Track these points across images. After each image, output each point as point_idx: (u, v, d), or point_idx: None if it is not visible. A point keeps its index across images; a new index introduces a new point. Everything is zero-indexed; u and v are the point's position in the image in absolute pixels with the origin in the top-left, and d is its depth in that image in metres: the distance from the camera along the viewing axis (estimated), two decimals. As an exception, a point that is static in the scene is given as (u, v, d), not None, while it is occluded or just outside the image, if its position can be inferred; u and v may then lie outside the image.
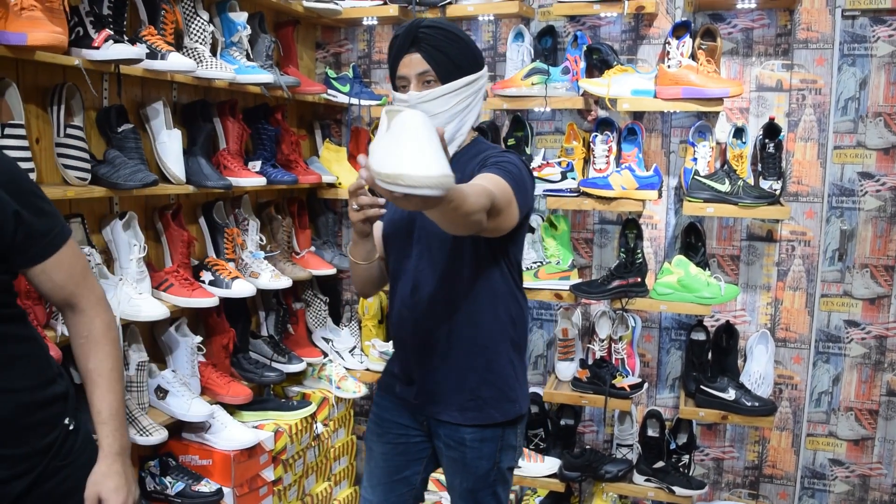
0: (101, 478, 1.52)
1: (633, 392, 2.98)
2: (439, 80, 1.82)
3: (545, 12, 3.23)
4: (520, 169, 1.80)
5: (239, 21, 2.81)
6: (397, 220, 1.96)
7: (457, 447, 1.97)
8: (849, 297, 3.01)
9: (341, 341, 3.42)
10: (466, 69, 1.84)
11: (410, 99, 1.83)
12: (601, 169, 3.00)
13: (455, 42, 1.84)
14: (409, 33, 1.83)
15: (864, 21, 2.86)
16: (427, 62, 1.81)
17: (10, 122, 2.09)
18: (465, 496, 2.00)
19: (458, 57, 1.83)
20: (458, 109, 1.85)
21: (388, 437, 2.09)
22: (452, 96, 1.83)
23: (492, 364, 1.94)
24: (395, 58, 1.87)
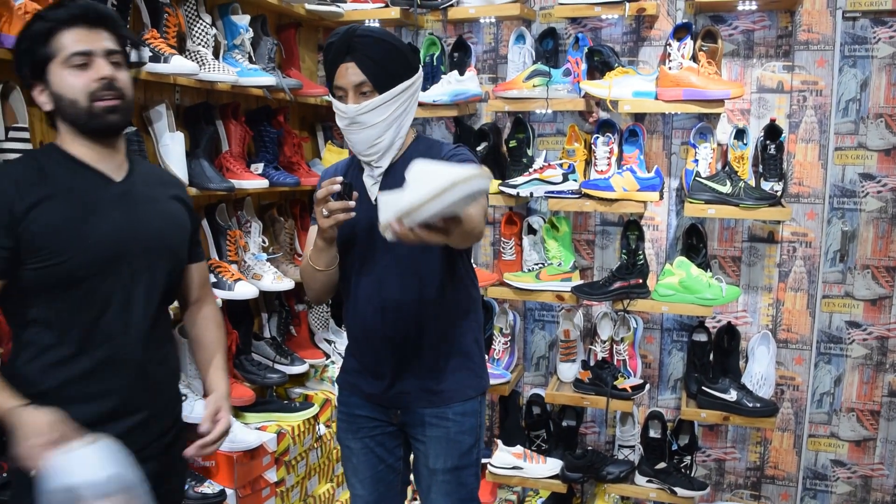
0: (221, 400, 1.88)
1: (634, 393, 2.98)
2: (375, 91, 1.85)
3: (546, 14, 3.24)
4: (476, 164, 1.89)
5: (241, 24, 2.82)
6: (358, 220, 1.91)
7: (439, 424, 2.03)
8: (850, 298, 3.01)
9: (343, 343, 3.43)
10: (401, 76, 1.88)
11: (348, 111, 1.86)
12: (603, 171, 3.00)
13: (389, 51, 1.86)
14: (343, 42, 1.85)
15: (865, 22, 2.86)
16: (363, 72, 1.84)
17: (15, 125, 2.09)
18: (448, 477, 2.04)
19: (393, 66, 1.87)
20: (395, 116, 1.89)
21: (362, 432, 2.12)
22: (389, 105, 1.87)
23: (461, 346, 2.04)
24: (330, 65, 1.89)
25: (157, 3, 2.50)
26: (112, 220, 1.64)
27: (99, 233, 1.62)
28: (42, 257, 1.56)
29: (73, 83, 1.58)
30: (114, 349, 1.66)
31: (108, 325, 1.64)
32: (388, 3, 3.27)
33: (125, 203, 1.68)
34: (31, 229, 1.55)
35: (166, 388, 1.85)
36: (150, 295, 1.72)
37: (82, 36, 1.58)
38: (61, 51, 1.57)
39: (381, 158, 1.93)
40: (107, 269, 1.63)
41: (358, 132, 1.89)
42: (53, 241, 1.57)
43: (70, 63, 1.58)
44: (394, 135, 1.91)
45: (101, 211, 1.63)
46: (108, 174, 1.68)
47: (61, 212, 1.58)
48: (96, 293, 1.62)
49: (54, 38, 1.58)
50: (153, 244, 1.73)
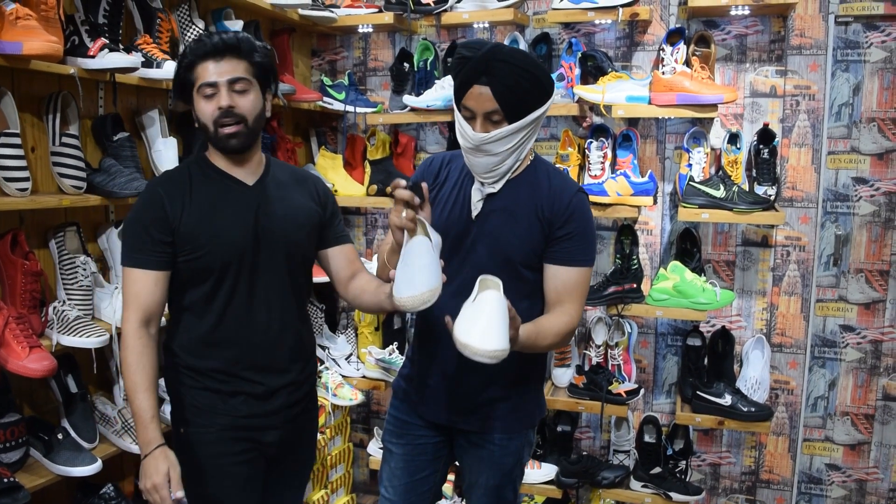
0: None
1: (629, 398, 2.98)
2: (505, 120, 1.77)
3: (540, 19, 3.24)
4: (590, 222, 1.92)
5: (234, 29, 2.81)
6: (450, 227, 1.91)
7: (484, 446, 2.01)
8: (844, 302, 3.01)
9: (337, 349, 3.42)
10: (534, 106, 1.79)
11: (475, 139, 1.78)
12: (596, 175, 3.00)
13: (528, 80, 1.76)
14: (482, 62, 1.75)
15: (858, 27, 2.87)
16: (497, 100, 1.75)
17: (6, 130, 2.09)
18: (489, 492, 2.04)
19: (528, 96, 1.77)
20: (520, 143, 1.82)
21: (406, 438, 2.10)
22: (515, 135, 1.80)
23: (524, 376, 1.99)
24: (463, 82, 1.79)
25: (149, 9, 2.50)
26: (240, 219, 1.91)
27: (228, 231, 1.89)
28: (186, 252, 1.87)
29: (204, 110, 1.85)
30: (239, 328, 1.93)
31: (236, 308, 1.91)
32: (382, 9, 3.27)
33: (254, 204, 1.93)
34: (179, 229, 1.85)
35: (289, 362, 2.02)
36: (271, 282, 1.95)
37: (212, 68, 1.83)
38: (196, 81, 1.84)
39: (496, 182, 1.88)
40: (235, 262, 1.89)
41: (479, 158, 1.82)
42: (193, 239, 1.86)
43: (202, 93, 1.84)
44: (514, 160, 1.86)
45: (231, 213, 1.91)
46: (242, 180, 1.95)
47: (199, 214, 1.87)
48: (225, 283, 1.89)
49: (194, 70, 1.84)
50: (275, 238, 1.94)
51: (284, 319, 1.98)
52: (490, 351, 1.54)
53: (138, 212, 1.88)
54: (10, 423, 2.13)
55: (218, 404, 1.94)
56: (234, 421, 1.94)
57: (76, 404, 2.32)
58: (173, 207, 1.86)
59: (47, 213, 2.33)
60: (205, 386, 1.94)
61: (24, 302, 2.15)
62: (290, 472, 2.13)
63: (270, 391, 1.97)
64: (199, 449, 1.94)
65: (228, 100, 1.83)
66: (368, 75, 3.56)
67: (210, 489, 1.95)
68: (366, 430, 3.74)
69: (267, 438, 1.99)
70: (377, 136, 3.33)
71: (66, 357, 2.31)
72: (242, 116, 1.86)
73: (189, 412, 1.95)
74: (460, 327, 1.58)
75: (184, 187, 1.90)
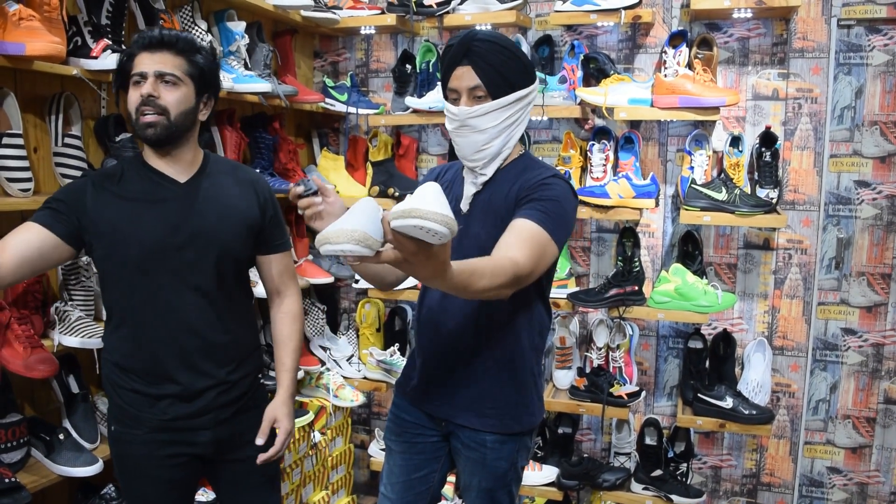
0: (280, 406, 2.07)
1: (630, 400, 2.98)
2: (490, 96, 1.81)
3: (542, 21, 3.24)
4: (562, 203, 1.80)
5: (237, 30, 2.82)
6: None
7: (478, 448, 1.99)
8: (846, 305, 3.01)
9: (339, 350, 3.42)
10: (517, 84, 1.83)
11: (459, 114, 1.83)
12: (598, 178, 3.00)
13: (508, 57, 1.82)
14: (462, 45, 1.81)
15: (860, 30, 2.87)
16: (479, 77, 1.80)
17: (8, 131, 2.09)
18: (482, 495, 2.03)
19: (510, 72, 1.82)
20: (506, 125, 1.84)
21: (405, 436, 2.10)
22: (501, 112, 1.82)
23: (516, 376, 1.97)
24: (447, 68, 1.86)
25: (152, 10, 2.50)
26: (165, 217, 1.89)
27: (150, 228, 1.87)
28: (105, 245, 1.86)
29: (130, 98, 1.87)
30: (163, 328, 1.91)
31: (159, 308, 1.90)
32: (385, 10, 3.28)
33: (184, 202, 1.92)
34: (99, 222, 1.85)
35: (218, 363, 1.98)
36: (199, 282, 1.93)
37: (145, 59, 1.85)
38: (131, 71, 1.86)
39: (486, 166, 1.89)
40: (156, 258, 1.87)
41: (467, 135, 1.85)
42: (113, 233, 1.85)
43: (132, 82, 1.87)
44: (502, 144, 1.87)
45: (157, 210, 1.89)
46: (173, 177, 1.94)
47: (123, 209, 1.87)
48: (146, 278, 1.88)
49: (132, 60, 1.87)
50: (204, 238, 1.92)
51: (212, 320, 1.95)
52: (444, 214, 1.26)
53: (60, 191, 1.90)
54: (12, 423, 2.13)
55: (145, 406, 1.93)
56: (162, 423, 1.93)
57: (77, 405, 2.33)
58: (96, 202, 1.86)
59: (49, 213, 2.33)
60: (132, 387, 1.93)
61: (25, 302, 2.15)
62: (242, 471, 2.09)
63: (196, 392, 1.94)
64: (127, 448, 1.96)
65: (151, 88, 1.83)
66: (371, 77, 3.57)
67: (137, 488, 1.98)
68: (367, 432, 3.74)
69: (199, 439, 1.97)
70: (379, 137, 3.33)
71: (67, 357, 2.32)
72: (164, 108, 1.85)
73: (118, 411, 1.97)
74: (402, 205, 1.29)
75: (113, 181, 1.91)
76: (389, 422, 2.17)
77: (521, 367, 1.97)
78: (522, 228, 1.73)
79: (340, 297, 3.74)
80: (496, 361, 1.95)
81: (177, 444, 1.94)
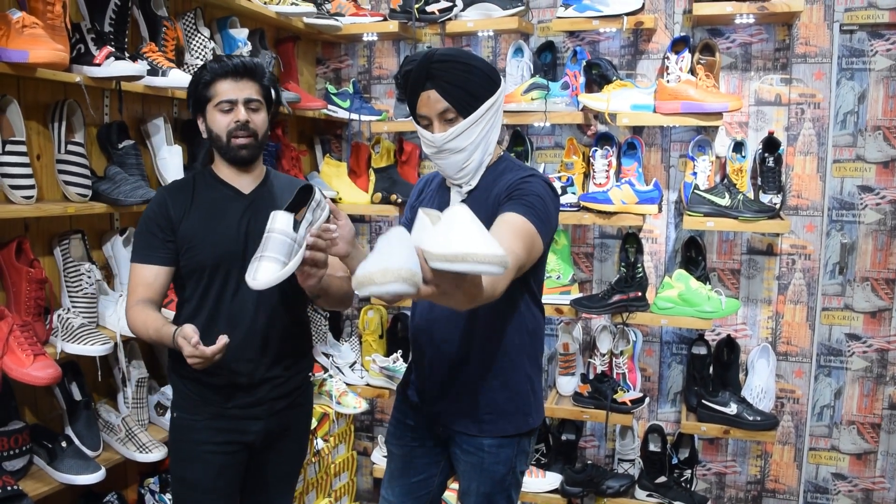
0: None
1: (634, 407, 2.97)
2: (460, 116, 1.80)
3: (544, 28, 3.25)
4: (543, 199, 1.79)
5: (240, 37, 2.82)
6: None
7: (475, 453, 1.99)
8: (850, 311, 3.00)
9: (342, 356, 3.41)
10: (484, 96, 1.82)
11: (436, 140, 1.82)
12: (601, 183, 3.00)
13: (469, 72, 1.80)
14: (422, 69, 1.80)
15: (862, 35, 2.87)
16: (445, 99, 1.79)
17: (12, 138, 2.09)
18: (481, 500, 2.02)
19: (475, 86, 1.80)
20: (482, 136, 1.84)
21: (406, 440, 2.11)
22: (475, 127, 1.82)
23: (509, 381, 1.96)
24: (410, 94, 1.85)
25: (155, 17, 2.51)
26: (233, 223, 2.07)
27: (221, 233, 2.05)
28: (184, 250, 2.05)
29: (220, 123, 2.04)
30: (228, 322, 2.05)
31: (225, 303, 2.06)
32: (387, 17, 3.28)
33: (247, 210, 2.09)
34: (180, 230, 2.04)
35: (275, 358, 2.12)
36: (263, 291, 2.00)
37: (230, 86, 2.03)
38: (215, 97, 2.03)
39: (471, 179, 1.90)
40: (226, 261, 2.04)
41: (447, 158, 1.85)
42: (190, 239, 2.04)
43: (220, 108, 2.03)
44: (482, 154, 1.87)
45: (226, 217, 2.07)
46: (240, 189, 2.12)
47: (198, 218, 2.06)
48: (217, 279, 2.05)
49: (212, 86, 2.03)
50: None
51: (272, 318, 2.10)
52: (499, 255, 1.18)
53: (147, 217, 2.07)
54: (14, 430, 2.13)
55: (207, 394, 2.08)
56: (221, 411, 2.08)
57: (80, 412, 2.33)
58: (176, 211, 2.05)
59: (52, 220, 2.34)
60: (195, 377, 2.04)
61: (28, 309, 2.15)
62: (275, 464, 2.22)
63: (254, 383, 2.09)
64: (185, 434, 2.11)
65: (245, 115, 2.03)
66: (373, 83, 3.57)
67: (189, 473, 2.11)
68: (370, 439, 3.73)
69: (252, 428, 2.11)
70: (381, 143, 3.33)
71: (70, 365, 2.31)
72: (255, 131, 2.06)
73: (181, 398, 2.13)
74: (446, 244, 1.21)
75: (188, 193, 2.09)
76: (391, 426, 2.17)
77: (512, 372, 1.96)
78: (512, 221, 1.71)
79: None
80: (486, 368, 1.94)
81: (232, 432, 2.09)
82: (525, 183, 1.81)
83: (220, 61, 2.05)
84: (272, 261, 1.75)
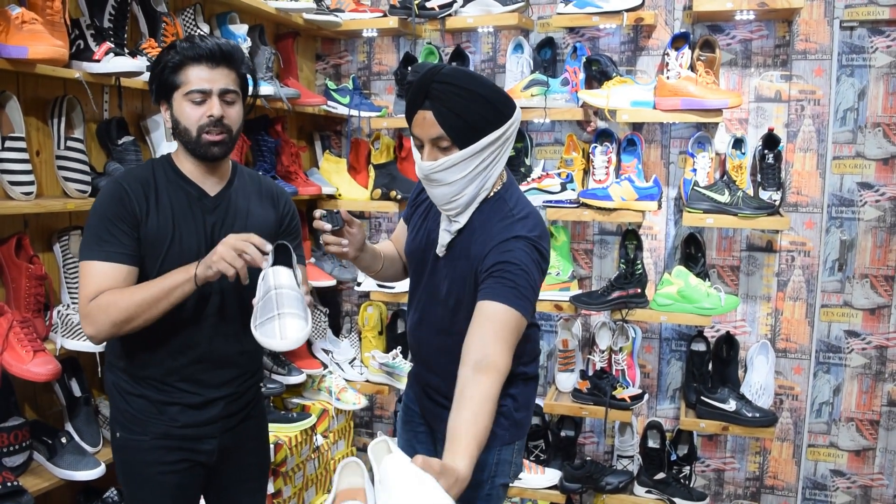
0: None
1: (633, 403, 2.97)
2: (455, 146, 1.65)
3: (544, 24, 3.24)
4: (529, 274, 1.63)
5: (239, 33, 2.82)
6: (415, 247, 1.92)
7: None
8: (849, 308, 3.00)
9: (341, 353, 3.42)
10: (486, 129, 1.64)
11: (423, 168, 1.69)
12: (601, 180, 3.00)
13: (473, 100, 1.63)
14: (421, 85, 1.64)
15: (863, 32, 2.87)
16: (440, 125, 1.63)
17: (11, 134, 2.09)
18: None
19: (476, 118, 1.63)
20: (477, 171, 1.68)
21: (410, 424, 2.11)
22: (469, 162, 1.66)
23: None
24: (408, 109, 1.70)
25: (154, 13, 2.51)
26: (198, 231, 1.84)
27: (185, 242, 1.82)
28: (148, 257, 1.80)
29: (189, 115, 1.79)
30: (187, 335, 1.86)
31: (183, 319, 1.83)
32: (387, 13, 3.27)
33: (213, 216, 1.87)
34: (142, 233, 1.79)
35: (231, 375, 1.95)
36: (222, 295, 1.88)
37: (204, 74, 1.77)
38: (185, 84, 1.77)
39: (459, 214, 1.75)
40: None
41: (434, 188, 1.71)
42: (153, 245, 1.80)
43: (189, 98, 1.78)
44: (476, 189, 1.71)
45: (191, 223, 1.84)
46: (206, 190, 1.88)
47: (161, 221, 1.80)
48: None
49: (182, 71, 1.77)
50: None
51: (230, 333, 1.91)
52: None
53: (103, 206, 1.78)
54: (14, 426, 2.13)
55: (153, 412, 1.88)
56: (169, 430, 1.89)
57: (80, 408, 2.33)
58: (140, 207, 1.79)
59: (52, 216, 2.33)
60: (141, 393, 1.88)
61: (28, 306, 2.15)
62: (236, 479, 2.06)
63: (207, 401, 1.91)
64: (132, 455, 1.90)
65: (220, 110, 1.79)
66: (373, 79, 3.57)
67: (141, 496, 1.92)
68: (369, 435, 3.74)
69: (203, 447, 1.93)
70: (381, 140, 3.33)
71: (69, 361, 2.32)
72: (228, 127, 1.82)
73: (124, 417, 1.90)
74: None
75: (148, 188, 1.82)
76: (401, 410, 2.18)
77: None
78: (495, 315, 1.58)
79: (343, 300, 3.74)
80: None
81: (182, 451, 1.91)
82: (509, 252, 1.65)
83: (193, 42, 1.77)
84: (296, 317, 1.61)
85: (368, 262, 1.99)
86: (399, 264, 2.11)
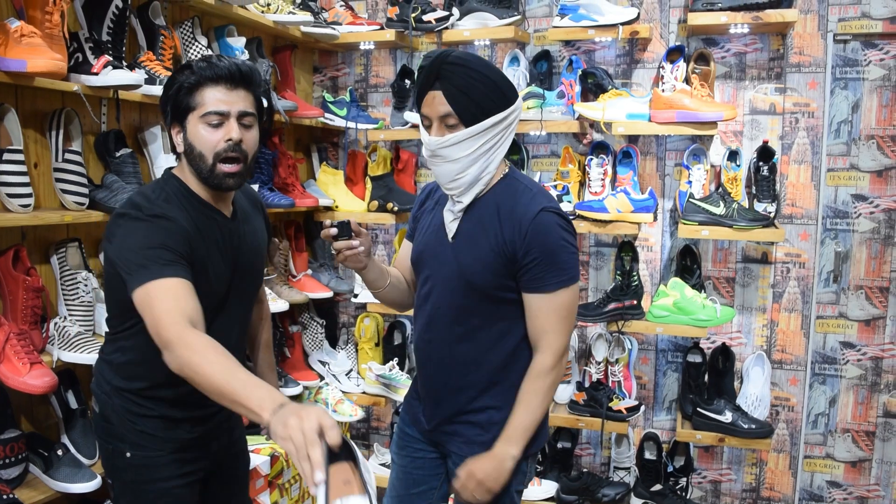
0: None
1: (629, 415, 2.97)
2: (461, 123, 1.74)
3: (540, 37, 3.26)
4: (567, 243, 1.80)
5: (237, 46, 2.83)
6: (426, 249, 1.94)
7: None
8: (844, 319, 3.01)
9: (338, 364, 3.42)
10: (492, 110, 1.75)
11: (430, 144, 1.77)
12: (596, 192, 3.01)
13: (480, 82, 1.73)
14: (433, 68, 1.74)
15: (856, 45, 2.89)
16: (449, 103, 1.72)
17: (9, 147, 2.10)
18: None
19: (483, 98, 1.73)
20: (482, 151, 1.77)
21: (407, 450, 2.09)
22: (475, 140, 1.75)
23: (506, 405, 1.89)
24: (419, 92, 1.79)
25: (153, 25, 2.52)
26: (224, 253, 1.80)
27: (216, 265, 1.77)
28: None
29: (206, 139, 1.70)
30: None
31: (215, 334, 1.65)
32: (384, 26, 3.29)
33: (233, 240, 1.83)
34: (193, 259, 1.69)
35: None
36: (236, 313, 1.89)
37: (222, 95, 1.69)
38: (201, 106, 1.69)
39: (463, 194, 1.82)
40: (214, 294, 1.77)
41: (439, 165, 1.79)
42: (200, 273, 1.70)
43: (206, 120, 1.70)
44: (479, 170, 1.79)
45: (217, 246, 1.78)
46: (223, 212, 1.82)
47: (201, 246, 1.73)
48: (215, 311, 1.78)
49: (198, 92, 1.69)
50: (247, 270, 1.90)
51: (238, 349, 1.91)
52: None
53: (156, 234, 1.64)
54: (10, 439, 2.12)
55: (166, 429, 1.83)
56: (182, 443, 1.85)
57: (76, 420, 2.32)
58: (191, 231, 1.71)
59: (49, 228, 2.34)
60: (158, 413, 1.82)
61: (25, 318, 2.15)
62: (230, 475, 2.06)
63: (214, 411, 1.88)
64: (149, 473, 1.82)
65: (239, 133, 1.71)
66: (370, 92, 3.58)
67: None
68: (366, 447, 3.73)
69: (213, 447, 1.94)
70: (378, 152, 3.34)
71: (66, 373, 2.31)
72: (246, 154, 1.74)
73: (136, 437, 1.81)
74: None
75: (182, 213, 1.73)
76: (395, 434, 2.16)
77: (509, 396, 1.88)
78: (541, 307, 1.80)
79: (339, 312, 3.74)
80: (482, 391, 1.90)
81: (196, 462, 1.89)
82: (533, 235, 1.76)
83: (210, 62, 1.70)
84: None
85: (376, 275, 1.99)
86: (403, 287, 2.08)
